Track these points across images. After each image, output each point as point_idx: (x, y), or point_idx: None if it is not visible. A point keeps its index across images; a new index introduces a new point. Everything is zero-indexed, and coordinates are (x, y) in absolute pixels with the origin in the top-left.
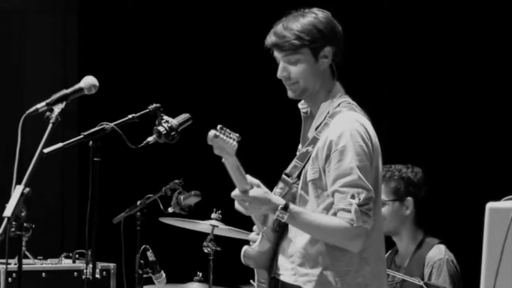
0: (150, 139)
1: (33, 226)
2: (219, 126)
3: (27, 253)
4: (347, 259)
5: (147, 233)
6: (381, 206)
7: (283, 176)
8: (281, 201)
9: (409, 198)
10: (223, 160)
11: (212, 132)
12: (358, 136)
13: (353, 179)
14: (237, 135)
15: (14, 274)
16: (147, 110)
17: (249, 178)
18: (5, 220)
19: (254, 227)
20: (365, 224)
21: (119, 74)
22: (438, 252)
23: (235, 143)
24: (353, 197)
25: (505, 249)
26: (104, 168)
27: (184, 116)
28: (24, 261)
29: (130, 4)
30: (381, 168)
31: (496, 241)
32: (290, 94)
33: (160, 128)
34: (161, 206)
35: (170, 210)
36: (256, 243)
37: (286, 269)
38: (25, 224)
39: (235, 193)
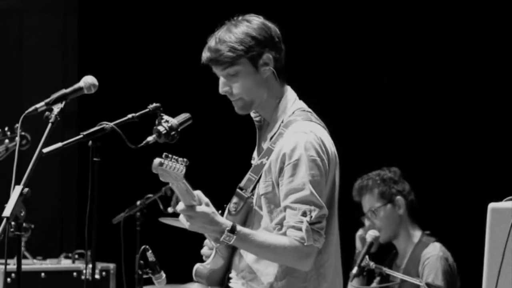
0: (150, 138)
1: (32, 226)
2: (164, 154)
3: (26, 253)
4: (303, 275)
5: (147, 233)
6: (336, 219)
7: (237, 190)
8: (228, 223)
9: (398, 197)
10: (170, 184)
11: (157, 160)
12: (312, 150)
13: (305, 195)
14: (185, 160)
15: (13, 275)
16: (147, 110)
17: (200, 194)
18: (4, 220)
19: (206, 241)
20: (316, 243)
21: (118, 73)
22: (432, 250)
23: (182, 167)
24: (304, 214)
25: (507, 249)
26: (103, 168)
27: (184, 116)
28: (23, 261)
29: (129, 4)
30: (338, 180)
31: (498, 241)
32: (237, 110)
33: (160, 128)
34: (161, 206)
35: (170, 210)
36: (209, 259)
37: (237, 282)
38: (24, 224)
39: (180, 207)
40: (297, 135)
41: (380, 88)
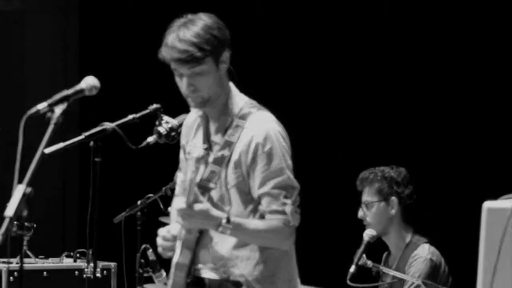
0: (150, 139)
1: (35, 225)
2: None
3: (28, 252)
4: (276, 257)
5: (147, 233)
6: None
7: (201, 183)
8: (223, 215)
9: (393, 198)
10: (192, 178)
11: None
12: (280, 136)
13: (283, 180)
14: None
15: (15, 273)
16: (147, 111)
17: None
18: (7, 220)
19: (159, 231)
20: (297, 222)
21: (120, 74)
22: (421, 251)
23: None
24: (286, 197)
25: (502, 248)
26: (104, 168)
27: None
28: (26, 260)
29: (130, 4)
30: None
31: (493, 240)
32: (193, 105)
33: (160, 129)
34: (161, 206)
35: (170, 209)
36: (177, 253)
37: (213, 271)
38: (26, 224)
39: (179, 206)
40: (264, 125)
41: (379, 88)
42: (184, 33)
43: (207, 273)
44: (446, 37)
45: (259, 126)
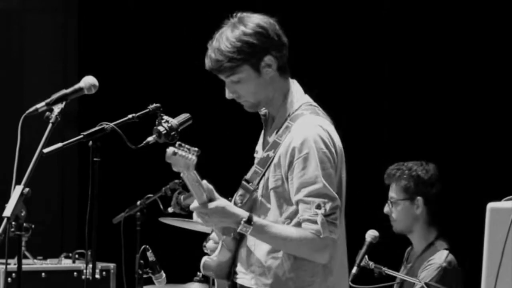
0: (150, 139)
1: (33, 226)
2: (178, 143)
3: (26, 253)
4: (312, 269)
5: (147, 233)
6: (343, 214)
7: (243, 182)
8: (244, 214)
9: (419, 197)
10: (181, 175)
11: (170, 150)
12: (321, 143)
13: (318, 188)
14: (196, 149)
15: (13, 274)
16: (147, 110)
17: (207, 184)
18: (5, 220)
19: (211, 235)
20: (332, 234)
21: (119, 74)
22: (438, 258)
23: (194, 157)
24: (319, 207)
25: (506, 249)
26: (104, 168)
27: (184, 116)
28: (24, 261)
29: (130, 4)
30: (345, 174)
31: (497, 241)
32: (246, 109)
33: (160, 128)
34: (161, 206)
35: (170, 210)
36: (215, 252)
37: (245, 277)
38: (24, 224)
39: (194, 205)
40: (305, 129)
41: (379, 88)
42: (219, 42)
43: (240, 279)
44: (446, 36)
45: (300, 130)
